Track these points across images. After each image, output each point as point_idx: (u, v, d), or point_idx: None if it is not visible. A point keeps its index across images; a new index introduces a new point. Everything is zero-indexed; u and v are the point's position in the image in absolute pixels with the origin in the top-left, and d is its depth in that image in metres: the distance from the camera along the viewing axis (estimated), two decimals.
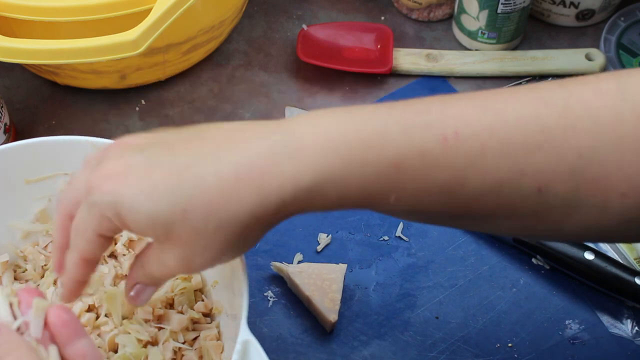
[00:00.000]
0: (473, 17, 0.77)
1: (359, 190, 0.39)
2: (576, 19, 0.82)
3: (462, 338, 0.61)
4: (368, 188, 0.39)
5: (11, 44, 0.63)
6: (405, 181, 0.39)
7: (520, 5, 0.75)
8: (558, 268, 0.64)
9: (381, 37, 0.80)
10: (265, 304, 0.63)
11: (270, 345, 0.60)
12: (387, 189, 0.39)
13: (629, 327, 0.62)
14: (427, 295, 0.63)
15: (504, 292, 0.64)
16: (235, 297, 0.52)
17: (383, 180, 0.39)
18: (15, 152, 0.57)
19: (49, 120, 0.75)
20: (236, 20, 0.80)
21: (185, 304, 0.57)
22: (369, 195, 0.40)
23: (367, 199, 0.40)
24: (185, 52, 0.74)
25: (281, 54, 0.81)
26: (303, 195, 0.39)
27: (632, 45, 0.79)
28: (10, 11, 0.65)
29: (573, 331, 0.61)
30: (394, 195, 0.39)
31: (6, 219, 0.59)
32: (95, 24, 0.65)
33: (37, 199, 0.60)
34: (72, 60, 0.64)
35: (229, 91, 0.78)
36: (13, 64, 0.78)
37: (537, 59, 0.78)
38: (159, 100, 0.77)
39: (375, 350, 0.60)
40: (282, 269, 0.63)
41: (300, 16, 0.84)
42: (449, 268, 0.65)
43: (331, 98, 0.77)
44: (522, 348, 0.60)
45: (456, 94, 0.41)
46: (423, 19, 0.83)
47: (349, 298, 0.63)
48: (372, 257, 0.66)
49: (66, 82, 0.76)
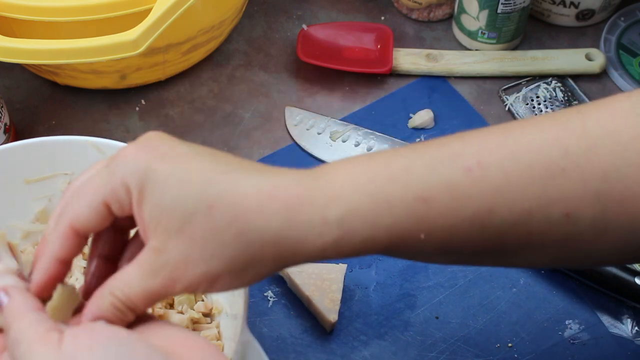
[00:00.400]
0: (473, 17, 0.78)
1: (388, 229, 0.38)
2: (576, 19, 0.82)
3: (462, 338, 0.61)
4: (397, 226, 0.38)
5: (11, 44, 0.63)
6: (434, 216, 0.39)
7: (520, 5, 0.75)
8: (558, 268, 0.64)
9: (381, 37, 0.80)
10: (265, 304, 0.63)
11: (270, 345, 0.60)
12: (416, 226, 0.39)
13: (629, 327, 0.62)
14: (427, 295, 0.63)
15: (504, 292, 0.64)
16: (235, 297, 0.52)
17: (412, 217, 0.38)
18: (15, 152, 0.57)
19: (49, 120, 0.75)
20: (236, 20, 0.80)
21: (185, 304, 0.57)
22: (399, 234, 0.39)
23: (397, 238, 0.39)
24: (185, 52, 0.74)
25: (281, 54, 0.81)
26: (329, 231, 0.38)
27: (632, 45, 0.79)
28: (10, 11, 0.65)
29: (573, 331, 0.61)
30: (423, 232, 0.39)
31: (6, 219, 0.59)
32: (95, 24, 0.65)
33: (37, 199, 0.60)
34: (72, 60, 0.64)
35: (229, 91, 0.78)
36: (13, 64, 0.78)
37: (537, 59, 0.78)
38: (159, 100, 0.77)
39: (375, 350, 0.60)
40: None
41: (300, 16, 0.84)
42: (449, 268, 0.65)
43: (331, 98, 0.77)
44: (522, 348, 0.60)
45: (473, 130, 0.41)
46: (423, 19, 0.83)
47: (349, 298, 0.63)
48: (372, 257, 0.66)
49: (66, 82, 0.76)
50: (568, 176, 0.38)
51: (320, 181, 0.39)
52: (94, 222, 0.39)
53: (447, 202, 0.38)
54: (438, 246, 0.40)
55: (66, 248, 0.40)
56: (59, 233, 0.40)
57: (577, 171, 0.38)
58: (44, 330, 0.37)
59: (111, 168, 0.39)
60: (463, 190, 0.39)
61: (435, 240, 0.39)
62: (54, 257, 0.40)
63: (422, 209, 0.38)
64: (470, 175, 0.39)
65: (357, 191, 0.38)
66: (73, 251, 0.40)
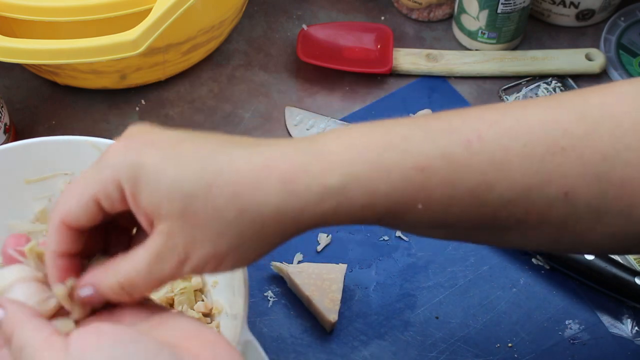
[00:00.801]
0: (473, 17, 0.78)
1: (386, 197, 0.38)
2: (576, 19, 0.82)
3: (462, 338, 0.61)
4: (395, 194, 0.38)
5: (11, 44, 0.63)
6: (432, 187, 0.38)
7: (520, 5, 0.75)
8: (558, 268, 0.64)
9: (381, 37, 0.80)
10: (265, 304, 0.63)
11: (270, 345, 0.60)
12: (413, 195, 0.39)
13: (629, 327, 0.62)
14: (427, 295, 0.63)
15: (504, 292, 0.64)
16: (235, 297, 0.52)
17: (410, 186, 0.38)
18: (15, 152, 0.57)
19: (49, 120, 0.75)
20: (236, 20, 0.80)
21: (185, 304, 0.57)
22: (396, 203, 0.39)
23: (395, 206, 0.39)
24: (185, 52, 0.74)
25: (281, 54, 0.81)
26: (329, 198, 0.38)
27: (632, 45, 0.79)
28: (10, 11, 0.65)
29: (573, 331, 0.61)
30: (421, 202, 0.39)
31: (6, 219, 0.59)
32: (95, 24, 0.65)
33: (37, 199, 0.60)
34: (72, 60, 0.64)
35: (229, 91, 0.78)
36: (13, 64, 0.78)
37: (537, 59, 0.78)
38: (159, 100, 0.77)
39: (375, 350, 0.60)
40: (282, 269, 0.63)
41: (300, 16, 0.84)
42: (449, 268, 0.65)
43: (331, 98, 0.77)
44: (522, 348, 0.60)
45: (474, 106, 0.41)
46: (423, 19, 0.83)
47: (349, 298, 0.63)
48: (372, 257, 0.66)
49: (66, 82, 0.76)
50: (567, 155, 0.38)
51: (318, 149, 0.39)
52: (83, 217, 0.39)
53: (445, 173, 0.38)
54: (435, 218, 0.40)
55: (63, 243, 0.40)
56: (52, 229, 0.40)
57: (576, 151, 0.38)
58: (46, 335, 0.37)
59: (100, 165, 0.39)
60: (462, 163, 0.39)
61: (432, 211, 0.39)
62: (54, 253, 0.40)
63: (420, 179, 0.38)
64: (469, 148, 0.39)
65: (356, 159, 0.38)
66: (71, 245, 0.40)
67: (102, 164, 0.39)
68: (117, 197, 0.38)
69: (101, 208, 0.39)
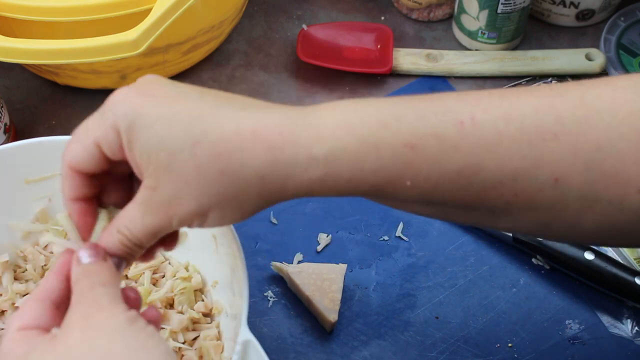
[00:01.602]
0: (473, 17, 0.78)
1: (374, 173, 0.39)
2: (576, 19, 0.82)
3: (462, 338, 0.61)
4: (382, 170, 0.39)
5: (11, 44, 0.63)
6: (420, 164, 0.39)
7: (520, 5, 0.75)
8: (558, 268, 0.64)
9: (381, 37, 0.80)
10: (265, 304, 0.63)
11: (270, 345, 0.60)
12: (401, 172, 0.39)
13: (629, 327, 0.62)
14: (427, 295, 0.63)
15: (504, 292, 0.64)
16: (235, 297, 0.52)
17: (398, 162, 0.39)
18: (15, 152, 0.57)
19: (49, 120, 0.75)
20: (236, 20, 0.80)
21: (185, 304, 0.57)
22: (384, 178, 0.39)
23: (382, 182, 0.39)
24: (185, 52, 0.74)
25: (281, 54, 0.81)
26: (314, 168, 0.38)
27: (632, 45, 0.79)
28: (10, 11, 0.65)
29: (573, 331, 0.61)
30: (409, 179, 0.39)
31: (6, 219, 0.59)
32: (95, 24, 0.65)
33: (37, 199, 0.60)
34: (72, 60, 0.64)
35: (229, 91, 0.76)
36: (13, 64, 0.78)
37: (537, 59, 0.78)
38: None
39: (375, 350, 0.60)
40: (282, 269, 0.63)
41: (300, 16, 0.84)
42: (449, 268, 0.65)
43: (331, 98, 0.77)
44: (522, 348, 0.60)
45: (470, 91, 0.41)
46: (423, 19, 0.83)
47: (349, 298, 0.63)
48: (372, 257, 0.66)
49: (66, 82, 0.76)
50: (559, 141, 0.39)
51: (309, 119, 0.39)
52: (88, 162, 0.41)
53: (434, 152, 0.39)
54: (423, 195, 0.40)
55: (74, 188, 0.42)
56: (63, 175, 0.42)
57: (569, 138, 0.39)
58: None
59: (102, 112, 0.40)
60: (452, 142, 0.39)
61: (420, 188, 0.40)
62: (69, 198, 0.42)
63: (409, 155, 0.39)
64: (461, 129, 0.39)
65: (345, 133, 0.39)
66: (82, 190, 0.42)
67: (105, 109, 0.40)
68: (117, 144, 0.40)
69: (103, 154, 0.41)
